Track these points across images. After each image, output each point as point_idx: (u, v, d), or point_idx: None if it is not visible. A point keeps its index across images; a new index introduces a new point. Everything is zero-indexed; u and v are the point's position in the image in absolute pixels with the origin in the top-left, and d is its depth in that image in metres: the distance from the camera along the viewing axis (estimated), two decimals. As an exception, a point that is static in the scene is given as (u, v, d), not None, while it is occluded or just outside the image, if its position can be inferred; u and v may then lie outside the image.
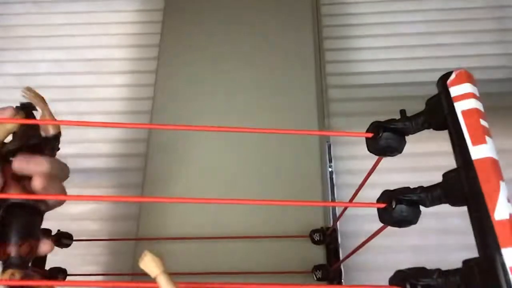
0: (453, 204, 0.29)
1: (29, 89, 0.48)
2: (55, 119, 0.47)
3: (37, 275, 0.46)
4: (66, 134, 1.16)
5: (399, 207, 0.31)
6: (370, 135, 0.34)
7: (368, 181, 0.46)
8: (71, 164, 1.14)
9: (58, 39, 1.13)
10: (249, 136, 0.90)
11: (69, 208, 0.90)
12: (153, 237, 0.83)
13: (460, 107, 0.29)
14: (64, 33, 1.14)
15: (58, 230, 0.68)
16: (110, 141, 1.01)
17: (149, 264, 0.30)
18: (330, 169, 0.95)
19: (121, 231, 0.92)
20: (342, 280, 0.81)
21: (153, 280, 0.31)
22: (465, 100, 0.29)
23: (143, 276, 0.32)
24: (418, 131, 0.34)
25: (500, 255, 0.24)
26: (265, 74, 1.00)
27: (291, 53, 1.02)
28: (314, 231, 0.80)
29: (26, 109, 0.52)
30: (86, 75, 1.09)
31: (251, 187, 0.88)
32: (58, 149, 0.50)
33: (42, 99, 0.49)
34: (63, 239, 0.68)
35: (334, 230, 0.82)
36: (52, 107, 1.19)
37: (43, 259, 0.64)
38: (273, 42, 1.03)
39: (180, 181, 0.89)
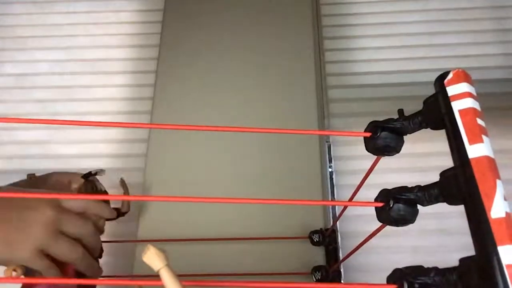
0: (450, 203, 0.29)
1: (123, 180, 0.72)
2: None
3: (39, 272, 0.46)
4: (66, 135, 1.16)
5: (397, 206, 0.31)
6: (368, 134, 0.35)
7: (368, 181, 0.46)
8: (71, 164, 1.14)
9: (58, 39, 1.13)
10: (249, 136, 0.91)
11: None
12: (153, 239, 0.83)
13: (457, 106, 0.29)
14: (64, 33, 1.14)
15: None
16: (110, 141, 1.02)
17: (152, 257, 0.29)
18: (330, 169, 0.95)
19: (121, 232, 0.92)
20: (342, 281, 0.81)
21: (154, 280, 0.30)
22: (462, 99, 0.29)
23: (143, 277, 0.32)
24: (416, 131, 0.34)
25: (497, 252, 0.24)
26: (265, 74, 1.00)
27: (291, 53, 1.02)
28: (313, 232, 0.80)
29: (88, 178, 0.60)
30: (86, 75, 1.09)
31: (250, 187, 0.88)
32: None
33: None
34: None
35: (333, 231, 0.82)
36: (52, 107, 1.20)
37: None
38: (273, 42, 1.04)
39: (180, 181, 0.89)
